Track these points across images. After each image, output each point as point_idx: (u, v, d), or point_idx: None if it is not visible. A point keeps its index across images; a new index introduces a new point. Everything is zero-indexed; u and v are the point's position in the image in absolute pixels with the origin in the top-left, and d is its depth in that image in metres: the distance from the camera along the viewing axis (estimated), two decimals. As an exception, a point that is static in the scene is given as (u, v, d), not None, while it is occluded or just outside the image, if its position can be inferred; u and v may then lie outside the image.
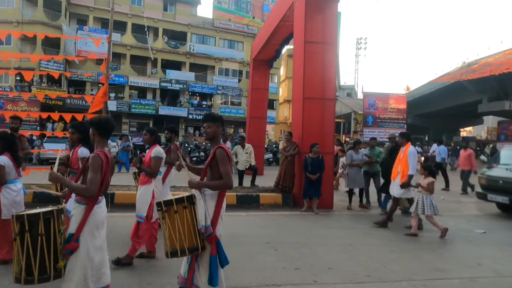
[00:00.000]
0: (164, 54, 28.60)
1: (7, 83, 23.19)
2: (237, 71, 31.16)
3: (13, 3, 23.57)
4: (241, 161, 8.12)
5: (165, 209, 2.82)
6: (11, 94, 19.88)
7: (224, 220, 2.88)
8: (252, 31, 30.75)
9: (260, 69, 12.91)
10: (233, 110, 30.45)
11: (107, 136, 2.72)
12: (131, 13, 27.09)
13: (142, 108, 26.82)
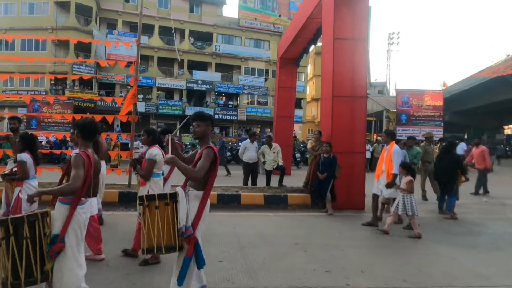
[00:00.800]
0: (190, 55, 29.31)
1: (43, 86, 24.78)
2: (263, 70, 31.30)
3: (47, 11, 25.17)
4: (268, 161, 8.18)
5: (146, 204, 2.83)
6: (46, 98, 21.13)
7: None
8: (278, 29, 30.75)
9: (287, 68, 12.91)
10: (260, 110, 30.62)
11: (91, 138, 2.77)
12: (158, 16, 28.00)
13: (169, 109, 27.66)
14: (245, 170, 8.36)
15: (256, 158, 8.24)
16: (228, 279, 3.50)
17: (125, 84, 26.77)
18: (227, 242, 4.70)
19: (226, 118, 29.17)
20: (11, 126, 5.58)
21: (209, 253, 4.21)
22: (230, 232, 5.15)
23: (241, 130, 30.99)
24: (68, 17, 25.22)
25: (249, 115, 30.03)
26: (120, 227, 5.19)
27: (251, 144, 8.26)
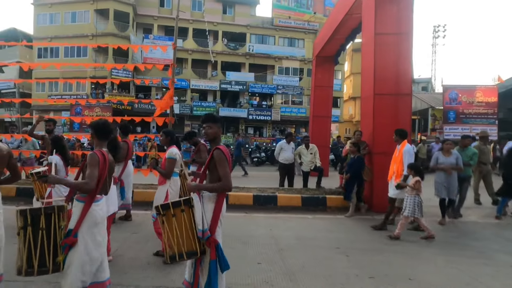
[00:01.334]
0: (223, 56, 29.90)
1: (84, 91, 26.52)
2: (297, 69, 31.15)
3: (88, 19, 26.94)
4: (305, 162, 8.12)
5: (162, 213, 2.88)
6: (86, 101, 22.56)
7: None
8: (314, 27, 30.47)
9: (324, 66, 12.75)
10: (294, 110, 30.50)
11: (106, 138, 2.91)
12: (192, 19, 28.88)
13: (203, 110, 28.38)
14: (281, 171, 8.37)
15: (292, 159, 8.22)
16: (267, 281, 3.53)
17: (160, 87, 27.90)
18: (265, 244, 4.74)
19: (260, 118, 29.37)
20: (46, 128, 6.05)
21: (247, 254, 4.29)
22: (267, 234, 5.19)
23: (275, 130, 31.02)
24: (107, 24, 26.81)
25: (283, 115, 30.01)
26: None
27: (287, 144, 8.25)
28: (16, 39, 27.85)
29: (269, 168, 15.94)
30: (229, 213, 6.18)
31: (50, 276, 2.69)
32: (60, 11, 27.27)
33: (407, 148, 5.37)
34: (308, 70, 30.35)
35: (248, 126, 30.29)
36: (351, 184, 6.20)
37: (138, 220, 5.78)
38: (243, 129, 29.79)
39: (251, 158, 17.90)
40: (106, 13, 26.80)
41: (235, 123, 29.79)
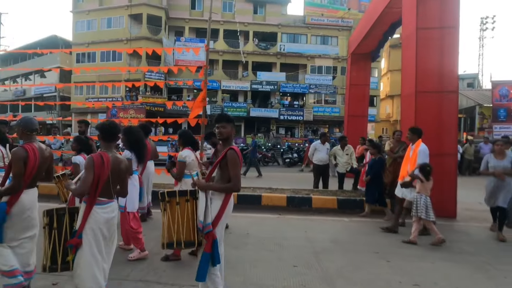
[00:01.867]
0: (254, 57, 30.14)
1: (119, 93, 27.84)
2: (331, 67, 30.70)
3: (123, 24, 28.28)
4: (341, 163, 8.00)
5: (167, 200, 3.05)
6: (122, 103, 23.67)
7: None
8: (348, 24, 29.93)
9: (359, 64, 12.49)
10: (327, 109, 30.08)
11: (112, 140, 2.93)
12: (223, 20, 29.41)
13: (234, 111, 28.76)
14: (316, 173, 8.30)
15: (327, 160, 8.13)
16: (304, 285, 3.52)
17: (191, 88, 28.66)
18: (300, 246, 4.73)
19: (292, 118, 29.25)
20: (78, 130, 6.40)
21: (282, 257, 4.30)
22: (302, 236, 5.17)
23: (307, 130, 30.76)
24: (141, 28, 27.98)
25: (316, 115, 29.68)
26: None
27: (322, 145, 8.16)
28: (57, 45, 29.88)
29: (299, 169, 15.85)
30: (262, 214, 6.40)
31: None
32: (96, 17, 28.88)
33: (422, 147, 5.19)
34: (342, 68, 29.82)
35: (279, 126, 30.28)
36: (372, 187, 6.06)
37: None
38: (274, 130, 29.81)
39: (283, 159, 17.86)
40: (140, 17, 27.97)
41: (266, 124, 29.88)
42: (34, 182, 3.12)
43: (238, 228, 5.58)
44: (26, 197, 2.97)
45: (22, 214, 2.95)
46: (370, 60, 12.60)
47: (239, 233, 5.27)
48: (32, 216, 3.05)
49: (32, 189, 3.09)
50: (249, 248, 4.60)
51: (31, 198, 3.05)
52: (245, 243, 4.80)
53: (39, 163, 3.00)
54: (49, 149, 3.27)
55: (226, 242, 4.72)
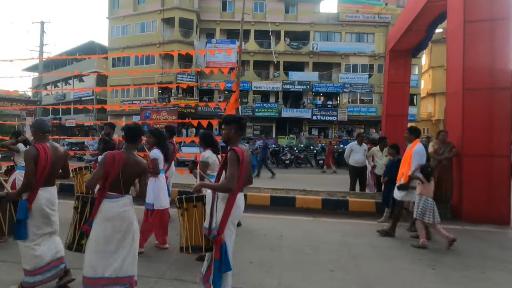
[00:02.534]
0: (286, 56, 30.09)
1: (152, 96, 28.88)
2: (366, 66, 29.97)
3: (156, 28, 29.36)
4: (379, 165, 7.74)
5: (178, 206, 3.23)
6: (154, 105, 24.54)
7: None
8: (385, 19, 29.10)
9: (399, 61, 12.08)
10: (363, 109, 29.37)
11: (134, 141, 3.14)
12: (254, 21, 29.68)
13: (265, 112, 28.86)
14: (352, 174, 8.13)
15: (364, 162, 7.93)
16: (342, 289, 3.47)
17: (222, 90, 29.14)
18: (337, 250, 4.65)
19: (325, 119, 28.83)
20: (104, 131, 6.74)
21: (318, 261, 4.25)
22: (338, 240, 5.08)
23: (341, 131, 30.18)
24: (173, 31, 28.91)
25: (350, 115, 29.07)
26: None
27: (359, 146, 7.97)
28: (94, 50, 31.58)
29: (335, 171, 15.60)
30: (296, 216, 6.37)
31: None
32: (131, 22, 30.27)
33: (418, 148, 5.03)
34: (379, 66, 29.05)
35: (312, 127, 29.96)
36: (389, 189, 5.76)
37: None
38: (307, 130, 29.54)
39: (316, 160, 17.64)
40: (172, 21, 28.89)
41: (298, 124, 29.68)
42: (51, 180, 3.36)
43: (272, 230, 5.59)
44: (43, 194, 3.24)
45: (41, 211, 3.22)
46: (410, 56, 12.14)
47: (273, 235, 5.27)
48: (51, 213, 3.31)
49: (50, 187, 3.34)
50: (283, 251, 4.59)
51: (48, 196, 3.30)
52: (279, 246, 4.79)
53: (51, 162, 3.26)
54: (63, 148, 3.55)
55: (260, 244, 4.81)
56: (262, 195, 7.20)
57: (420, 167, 4.92)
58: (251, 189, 7.68)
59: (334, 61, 30.23)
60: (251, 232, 5.40)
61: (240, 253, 4.45)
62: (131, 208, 3.06)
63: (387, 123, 12.25)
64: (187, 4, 28.92)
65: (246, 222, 6.05)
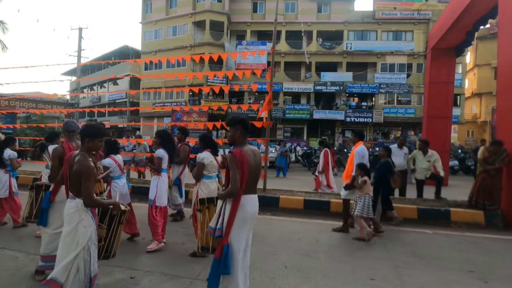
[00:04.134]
0: (318, 57, 29.75)
1: (183, 98, 29.57)
2: (404, 65, 28.93)
3: (187, 31, 30.09)
4: (419, 169, 7.44)
5: (199, 208, 3.60)
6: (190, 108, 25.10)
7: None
8: (425, 16, 28.01)
9: (442, 59, 11.55)
10: (400, 110, 28.35)
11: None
12: (285, 21, 29.62)
13: (296, 113, 28.62)
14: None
15: (404, 166, 7.63)
16: (384, 299, 3.33)
17: (252, 92, 29.26)
18: (377, 258, 4.50)
19: (359, 120, 28.10)
20: (126, 134, 6.92)
21: (356, 268, 4.12)
22: (378, 248, 4.91)
23: (377, 133, 29.32)
24: (203, 34, 29.47)
25: (387, 116, 28.16)
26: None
27: (399, 149, 7.68)
28: (128, 54, 32.91)
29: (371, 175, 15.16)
30: (331, 221, 6.25)
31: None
32: (163, 26, 31.26)
33: (359, 149, 5.58)
34: (418, 65, 28.01)
35: (345, 129, 29.31)
36: (377, 191, 5.79)
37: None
38: (340, 132, 28.97)
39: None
40: (203, 24, 29.48)
41: (331, 126, 29.18)
42: None
43: (306, 234, 5.50)
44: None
45: (62, 203, 3.34)
46: (454, 55, 11.58)
47: (308, 240, 5.19)
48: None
49: None
50: (319, 257, 4.50)
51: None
52: (315, 251, 4.70)
53: None
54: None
55: (295, 248, 4.75)
56: (296, 199, 7.12)
57: (360, 166, 5.39)
58: (284, 192, 7.62)
59: (369, 60, 29.48)
60: (285, 236, 5.34)
61: (275, 257, 4.41)
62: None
63: (428, 125, 11.73)
64: (218, 7, 29.38)
65: (280, 225, 6.00)
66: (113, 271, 3.81)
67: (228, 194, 2.81)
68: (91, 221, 2.94)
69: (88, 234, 2.90)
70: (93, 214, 3.00)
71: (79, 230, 2.88)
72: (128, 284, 3.56)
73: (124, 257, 4.09)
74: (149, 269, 3.90)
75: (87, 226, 2.90)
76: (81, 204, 2.91)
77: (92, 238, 2.95)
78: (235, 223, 2.79)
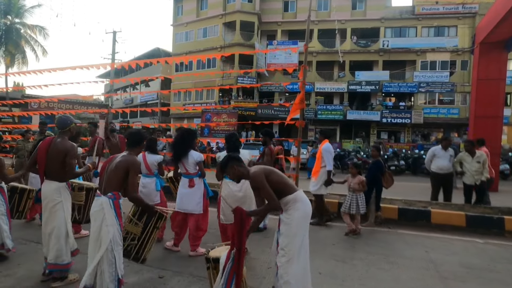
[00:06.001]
0: (352, 56, 29.10)
1: (213, 99, 29.96)
2: (447, 62, 27.56)
3: (217, 32, 30.51)
4: (469, 172, 6.93)
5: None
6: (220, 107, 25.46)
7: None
8: (471, 9, 26.58)
9: (491, 54, 10.82)
10: (442, 110, 27.02)
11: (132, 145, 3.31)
12: (317, 20, 29.26)
13: (328, 114, 28.10)
14: (434, 182, 7.37)
15: (449, 168, 7.14)
16: (431, 313, 3.07)
17: (283, 92, 29.11)
18: (421, 268, 4.23)
19: (397, 121, 27.07)
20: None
21: (398, 277, 3.91)
22: (422, 257, 4.61)
23: (416, 135, 28.14)
24: (234, 35, 29.71)
25: (427, 117, 26.91)
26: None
27: (443, 151, 7.22)
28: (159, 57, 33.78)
29: (409, 178, 14.53)
30: (370, 226, 5.91)
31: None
32: (193, 28, 31.91)
33: (325, 146, 5.93)
34: (462, 62, 26.66)
35: (381, 130, 28.37)
36: (369, 191, 5.90)
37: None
38: (375, 134, 28.08)
39: (387, 166, 16.61)
40: (233, 25, 29.73)
41: (365, 127, 28.35)
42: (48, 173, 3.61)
43: (342, 239, 5.30)
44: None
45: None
46: (506, 49, 10.83)
47: (345, 245, 4.98)
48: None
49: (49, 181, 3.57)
50: (356, 264, 4.29)
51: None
52: (352, 257, 4.49)
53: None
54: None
55: (330, 253, 4.57)
56: (329, 202, 6.87)
57: (354, 165, 5.88)
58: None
59: (408, 58, 28.38)
60: (319, 241, 5.15)
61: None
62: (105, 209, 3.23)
63: (476, 125, 11.03)
64: (248, 7, 29.54)
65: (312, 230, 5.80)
66: (142, 269, 3.85)
67: (271, 208, 2.96)
68: (114, 220, 2.97)
69: (111, 233, 2.92)
70: (117, 214, 3.01)
71: (102, 229, 2.95)
72: (157, 284, 3.56)
73: (153, 256, 4.08)
74: (178, 270, 3.90)
75: (110, 225, 2.94)
76: (105, 202, 2.97)
77: (116, 238, 2.97)
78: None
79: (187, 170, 4.52)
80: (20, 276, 3.66)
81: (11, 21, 29.06)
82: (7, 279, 3.59)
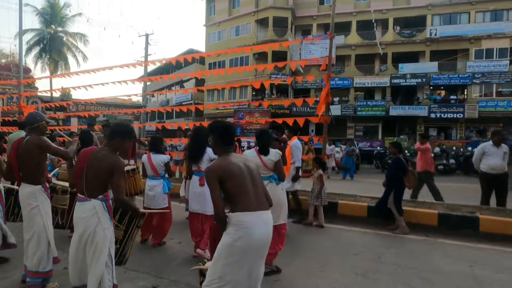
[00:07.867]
0: (395, 47, 27.74)
1: (246, 98, 29.95)
2: (507, 49, 25.18)
3: (250, 30, 30.58)
4: (528, 171, 6.05)
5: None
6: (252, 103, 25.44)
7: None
8: (536, -13, 24.22)
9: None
10: (501, 103, 24.74)
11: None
12: (355, 11, 28.27)
13: (369, 110, 26.94)
14: (484, 184, 6.54)
15: (503, 167, 6.30)
16: None
17: (319, 88, 28.35)
18: (463, 286, 3.60)
19: (447, 116, 25.27)
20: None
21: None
22: (465, 272, 3.97)
23: (470, 131, 26.11)
24: (267, 32, 29.59)
25: (482, 111, 24.80)
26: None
27: (495, 148, 6.37)
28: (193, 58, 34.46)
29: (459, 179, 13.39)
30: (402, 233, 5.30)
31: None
32: (226, 27, 32.31)
33: (294, 142, 6.05)
34: (526, 48, 24.37)
35: (429, 126, 26.65)
36: (387, 191, 5.72)
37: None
38: (422, 130, 26.46)
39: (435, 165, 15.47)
40: (266, 21, 29.61)
41: (411, 124, 26.81)
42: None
43: (367, 248, 4.76)
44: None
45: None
46: None
47: (369, 256, 4.44)
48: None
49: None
50: (380, 278, 3.77)
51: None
52: (376, 270, 3.97)
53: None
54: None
55: (350, 264, 4.06)
56: (358, 205, 6.33)
57: (316, 160, 6.47)
58: (345, 197, 6.86)
59: (459, 47, 26.39)
60: (340, 249, 4.67)
61: (321, 275, 3.80)
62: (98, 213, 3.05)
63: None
64: (282, 2, 29.27)
65: (335, 236, 5.33)
66: (138, 277, 3.71)
67: (215, 218, 2.52)
68: (109, 223, 2.86)
69: (108, 237, 2.81)
70: (110, 215, 2.89)
71: (98, 234, 2.78)
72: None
73: (152, 263, 4.14)
74: (175, 279, 3.69)
75: (106, 228, 2.81)
76: (99, 206, 2.82)
77: (112, 241, 2.87)
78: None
79: (199, 167, 4.37)
80: (16, 278, 3.61)
81: (55, 29, 30.97)
82: (4, 282, 3.58)
